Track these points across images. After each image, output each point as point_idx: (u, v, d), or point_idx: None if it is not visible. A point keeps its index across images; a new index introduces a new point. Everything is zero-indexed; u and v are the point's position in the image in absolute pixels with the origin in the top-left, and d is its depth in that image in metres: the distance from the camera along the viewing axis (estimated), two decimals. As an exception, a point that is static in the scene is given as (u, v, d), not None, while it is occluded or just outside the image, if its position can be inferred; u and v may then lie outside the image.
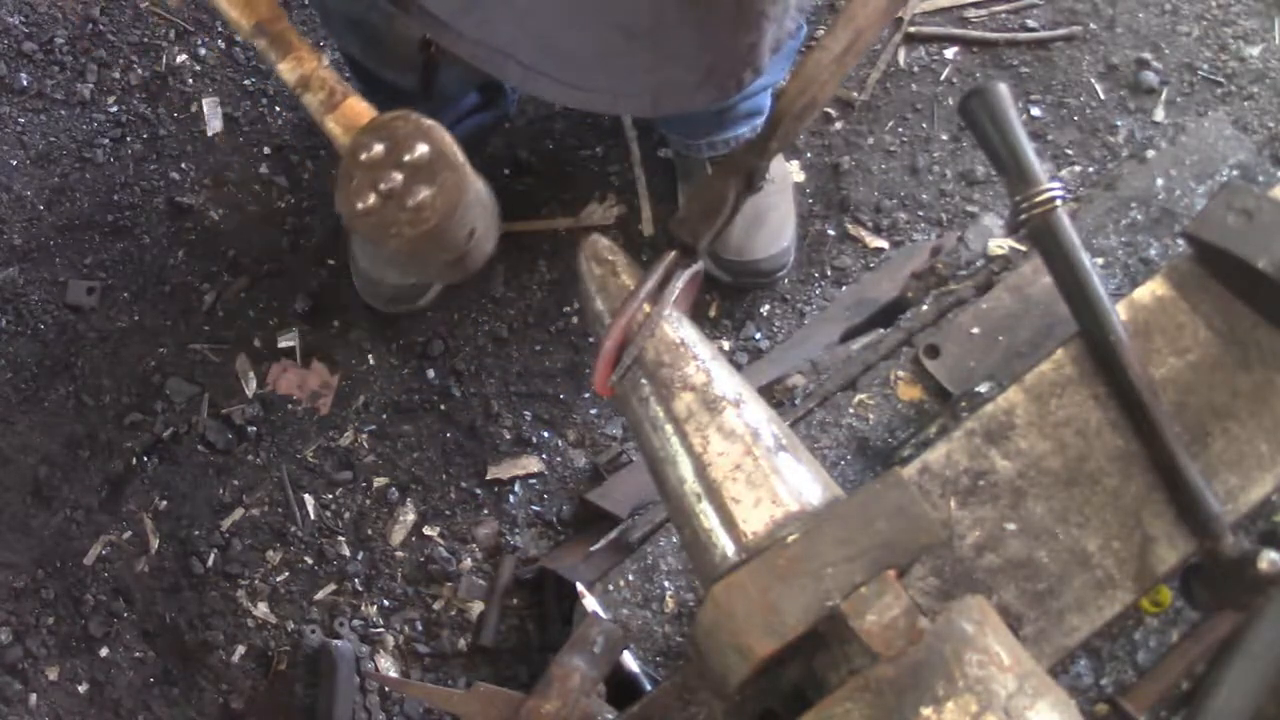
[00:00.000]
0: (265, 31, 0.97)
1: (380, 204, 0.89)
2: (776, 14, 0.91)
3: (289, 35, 0.97)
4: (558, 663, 1.12)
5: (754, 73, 0.95)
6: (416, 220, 0.89)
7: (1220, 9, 2.00)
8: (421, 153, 0.89)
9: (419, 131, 0.89)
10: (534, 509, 1.72)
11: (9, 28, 2.00)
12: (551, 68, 0.93)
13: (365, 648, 1.64)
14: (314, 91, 0.96)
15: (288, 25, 0.97)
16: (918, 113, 1.94)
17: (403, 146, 0.89)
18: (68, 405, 1.78)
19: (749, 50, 0.92)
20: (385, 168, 0.89)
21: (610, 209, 1.88)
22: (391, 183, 0.89)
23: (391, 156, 0.89)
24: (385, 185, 0.89)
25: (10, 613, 1.66)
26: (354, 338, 1.82)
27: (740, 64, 0.94)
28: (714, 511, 0.91)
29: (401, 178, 0.89)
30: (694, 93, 0.94)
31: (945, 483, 1.13)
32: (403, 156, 0.89)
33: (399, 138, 0.90)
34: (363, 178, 0.90)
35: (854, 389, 1.36)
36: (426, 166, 0.89)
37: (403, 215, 0.89)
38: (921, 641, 0.82)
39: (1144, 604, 1.22)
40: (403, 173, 0.89)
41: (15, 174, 1.91)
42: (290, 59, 0.96)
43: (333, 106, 0.95)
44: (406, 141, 0.89)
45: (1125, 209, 1.41)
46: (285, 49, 0.97)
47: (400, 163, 0.89)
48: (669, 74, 0.92)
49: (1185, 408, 1.15)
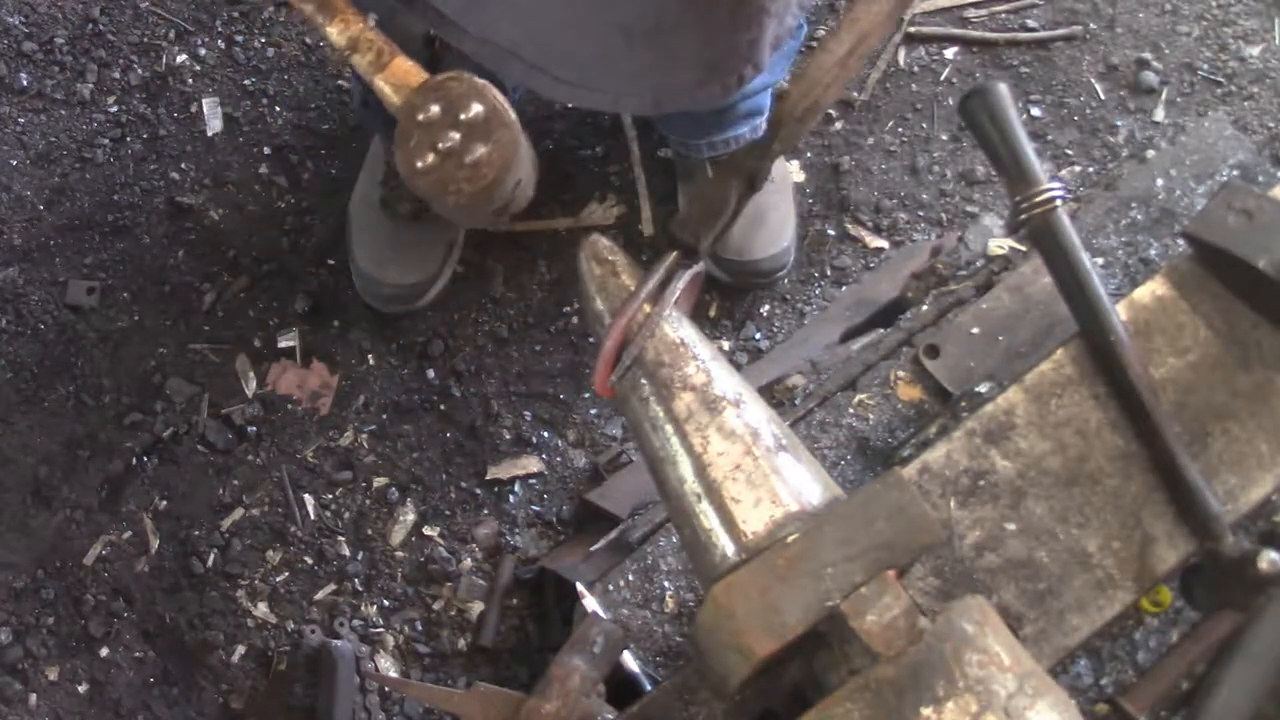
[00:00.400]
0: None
1: (439, 162, 0.92)
2: (777, 9, 0.91)
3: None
4: (558, 663, 1.12)
5: (755, 69, 0.95)
6: (475, 177, 0.92)
7: (1220, 9, 2.00)
8: (477, 111, 0.92)
9: (474, 91, 0.92)
10: (534, 509, 1.72)
11: (9, 28, 2.00)
12: (552, 66, 0.93)
13: (365, 648, 1.64)
14: (363, 53, 0.98)
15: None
16: (918, 113, 1.94)
17: (459, 106, 0.92)
18: (68, 405, 1.78)
19: (749, 47, 0.92)
20: (443, 127, 0.92)
21: (610, 209, 1.88)
22: (450, 141, 0.92)
23: (448, 116, 0.92)
24: (444, 144, 0.92)
25: (10, 613, 1.66)
26: (354, 338, 1.82)
27: (741, 61, 0.94)
28: (714, 511, 0.91)
29: (459, 136, 0.92)
30: (695, 91, 0.94)
31: (945, 483, 1.13)
32: (459, 115, 0.92)
33: (454, 97, 0.92)
34: (421, 137, 0.93)
35: (854, 389, 1.36)
36: (482, 124, 0.92)
37: (461, 173, 0.92)
38: (921, 641, 0.82)
39: (1144, 604, 1.22)
40: (460, 131, 0.92)
41: (15, 174, 1.91)
42: (338, 21, 0.99)
43: (382, 66, 0.97)
44: (462, 101, 0.92)
45: (1125, 209, 1.41)
46: (332, 12, 0.99)
47: (457, 122, 0.92)
48: (670, 73, 0.93)
49: (1185, 408, 1.15)
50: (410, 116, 0.93)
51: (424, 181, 0.93)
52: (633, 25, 0.86)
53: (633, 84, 0.94)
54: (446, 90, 0.93)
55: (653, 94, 0.95)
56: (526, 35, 0.92)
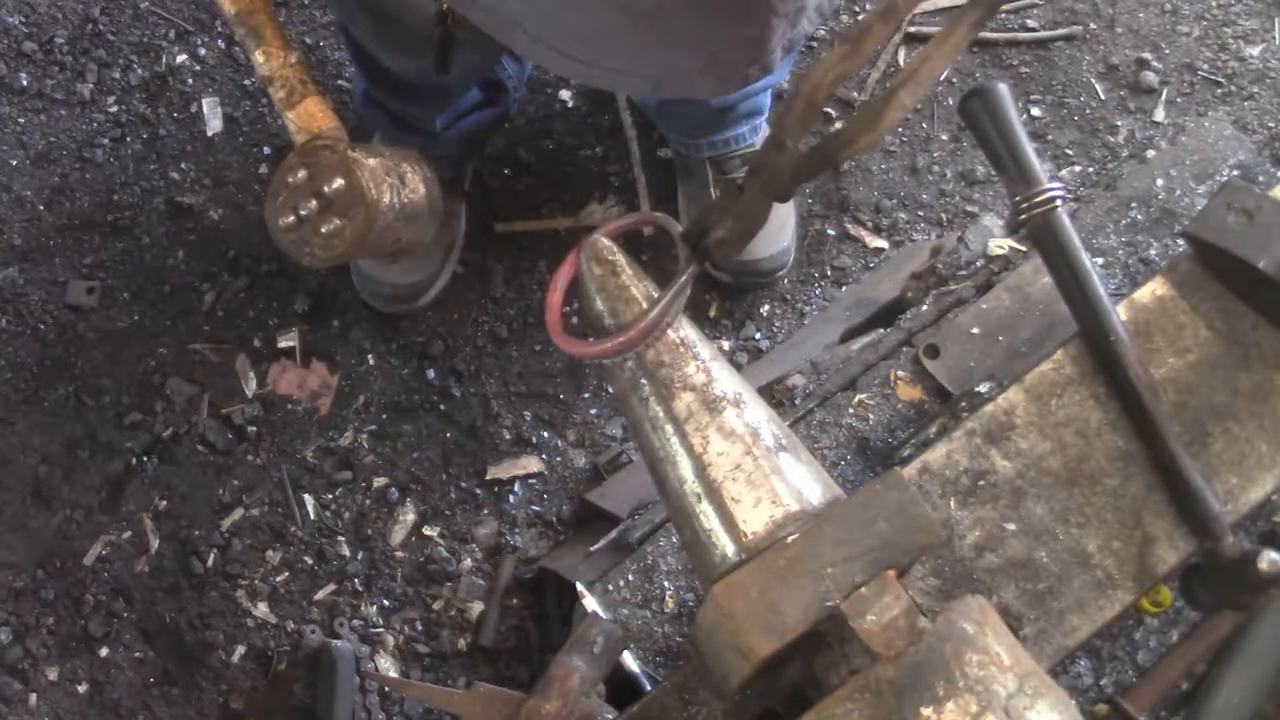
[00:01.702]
0: (243, 21, 1.02)
1: (297, 224, 0.97)
2: (787, 11, 0.90)
3: (264, 28, 1.02)
4: (558, 663, 1.12)
5: (761, 70, 0.94)
6: (328, 245, 0.96)
7: (1220, 9, 2.00)
8: (338, 186, 0.95)
9: (340, 165, 0.96)
10: (534, 509, 1.72)
11: (9, 28, 2.00)
12: (556, 40, 0.93)
13: (365, 648, 1.64)
14: (278, 87, 1.01)
15: (265, 18, 1.02)
16: (918, 113, 1.94)
17: (323, 176, 0.96)
18: (68, 405, 1.78)
19: (753, 44, 0.91)
20: (305, 194, 0.96)
21: (610, 209, 1.88)
22: (308, 209, 0.96)
23: (312, 184, 0.96)
24: (303, 210, 0.96)
25: (10, 613, 1.66)
26: (354, 338, 1.82)
27: (745, 58, 0.93)
28: (714, 511, 0.91)
29: (316, 206, 0.96)
30: (696, 79, 0.93)
31: (945, 483, 1.13)
32: (321, 186, 0.95)
33: (321, 166, 0.96)
34: (286, 197, 0.97)
35: (854, 389, 1.36)
36: (341, 199, 0.95)
37: (316, 239, 0.97)
38: (921, 641, 0.82)
39: (1144, 604, 1.22)
40: (319, 201, 0.96)
41: (15, 174, 1.91)
42: (261, 50, 1.02)
43: (292, 105, 1.01)
44: (326, 172, 0.96)
45: (1125, 209, 1.41)
46: (259, 40, 1.02)
47: (320, 191, 0.95)
48: (671, 58, 0.92)
49: (1185, 408, 1.15)
50: (283, 173, 0.97)
51: (282, 239, 0.97)
52: (632, 6, 0.85)
53: (633, 64, 0.93)
54: (317, 158, 0.96)
55: (653, 76, 0.95)
56: (530, 7, 0.91)
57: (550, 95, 1.96)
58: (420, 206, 1.04)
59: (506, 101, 1.78)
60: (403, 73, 1.48)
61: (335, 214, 0.96)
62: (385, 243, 1.00)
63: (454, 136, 1.71)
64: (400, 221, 1.00)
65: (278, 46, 1.01)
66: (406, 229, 1.02)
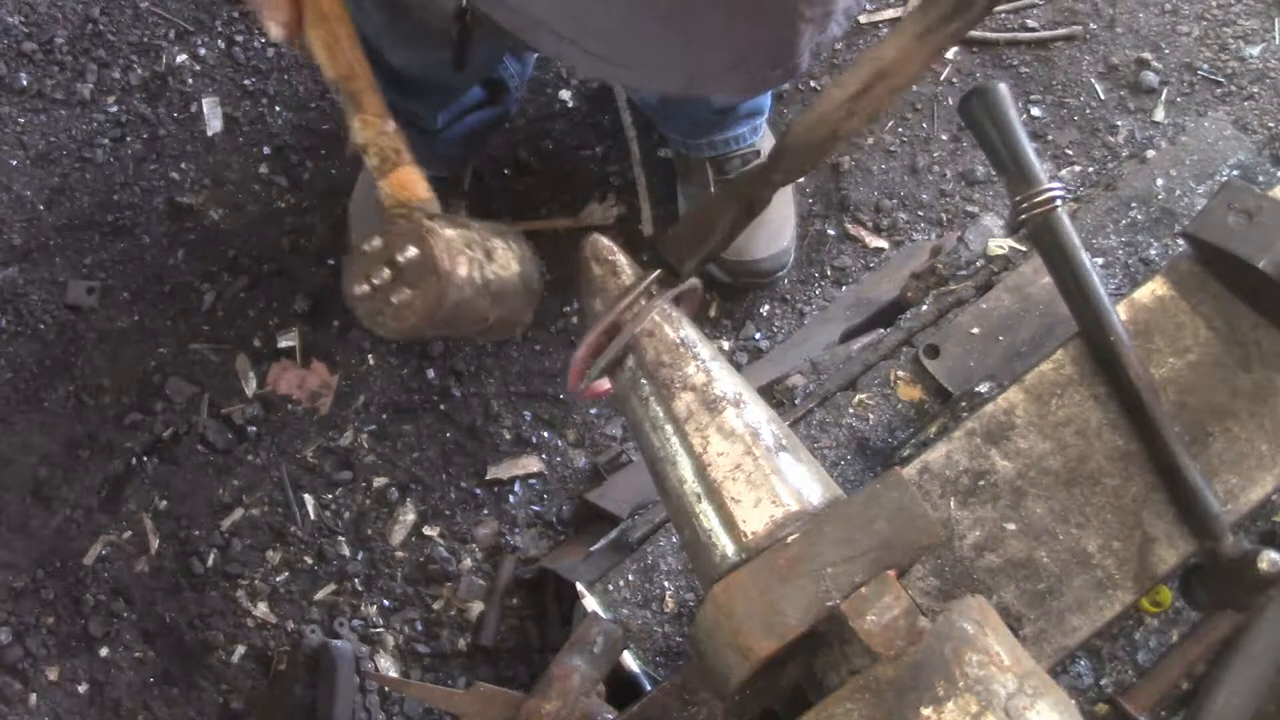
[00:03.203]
0: (342, 87, 1.01)
1: (370, 293, 0.95)
2: (814, 15, 0.90)
3: (363, 94, 1.01)
4: (558, 663, 1.12)
5: (787, 73, 0.95)
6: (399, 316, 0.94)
7: (1220, 9, 2.00)
8: (411, 255, 0.93)
9: (414, 234, 0.94)
10: (534, 509, 1.72)
11: (9, 28, 2.00)
12: (583, 39, 0.93)
13: (365, 648, 1.64)
14: (371, 155, 1.00)
15: (365, 84, 1.01)
16: (918, 113, 1.94)
17: (396, 245, 0.94)
18: (68, 405, 1.78)
19: (780, 46, 0.91)
20: (378, 261, 0.94)
21: (610, 209, 1.88)
22: (380, 278, 0.94)
23: (386, 252, 0.94)
24: (376, 279, 0.94)
25: (10, 613, 1.66)
26: (354, 338, 1.82)
27: (771, 60, 0.93)
28: (714, 511, 0.91)
29: (389, 274, 0.94)
30: (724, 77, 0.94)
31: (945, 483, 1.13)
32: (394, 255, 0.94)
33: (395, 234, 0.94)
34: (360, 265, 0.95)
35: (854, 389, 1.36)
36: (413, 269, 0.93)
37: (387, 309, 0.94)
38: (921, 641, 0.82)
39: (1144, 604, 1.22)
40: (391, 270, 0.94)
41: (15, 174, 1.91)
42: (359, 117, 1.00)
43: (385, 172, 0.99)
44: (399, 241, 0.94)
45: (1125, 209, 1.41)
46: (357, 106, 1.00)
47: (392, 260, 0.94)
48: (698, 56, 0.92)
49: (1185, 408, 1.15)
50: (360, 239, 0.95)
51: (356, 306, 0.96)
52: (658, 6, 0.85)
53: (661, 62, 0.93)
54: (393, 225, 0.95)
55: (682, 74, 0.95)
56: (557, 7, 0.91)
57: (550, 95, 1.96)
58: (511, 284, 1.01)
59: (508, 101, 1.78)
60: (408, 69, 1.48)
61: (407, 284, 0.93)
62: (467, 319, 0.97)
63: (454, 135, 1.71)
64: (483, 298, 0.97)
65: (375, 114, 1.00)
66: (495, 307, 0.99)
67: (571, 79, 1.97)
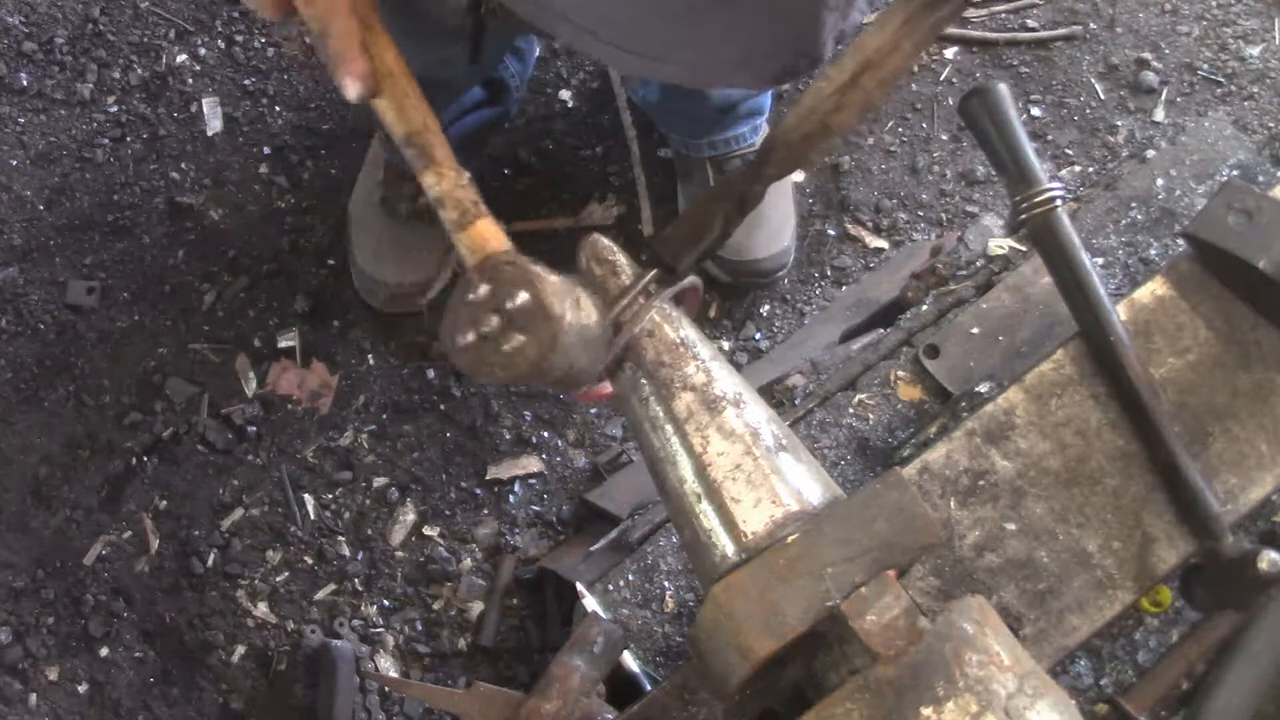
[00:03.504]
0: (413, 143, 0.98)
1: (477, 343, 0.91)
2: (837, 4, 0.89)
3: (434, 148, 0.98)
4: (558, 663, 1.12)
5: (811, 62, 0.94)
6: (509, 364, 0.90)
7: (1220, 9, 2.00)
8: (522, 301, 0.90)
9: (523, 279, 0.90)
10: (534, 509, 1.72)
11: (9, 28, 2.00)
12: (595, 27, 0.92)
13: (365, 648, 1.64)
14: (448, 209, 0.97)
15: (436, 138, 0.98)
16: (918, 113, 1.94)
17: (505, 292, 0.90)
18: (68, 405, 1.78)
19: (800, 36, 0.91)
20: (486, 309, 0.91)
21: (610, 209, 1.88)
22: (489, 326, 0.90)
23: (494, 300, 0.91)
24: (484, 327, 0.91)
25: (10, 613, 1.66)
26: (354, 338, 1.82)
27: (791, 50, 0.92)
28: (714, 511, 0.91)
29: (499, 322, 0.90)
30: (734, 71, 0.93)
31: (945, 483, 1.13)
32: (504, 302, 0.90)
33: (503, 281, 0.91)
34: (465, 315, 0.91)
35: (854, 389, 1.36)
36: (524, 315, 0.90)
37: (496, 358, 0.90)
38: (921, 641, 0.82)
39: (1144, 604, 1.22)
40: (501, 318, 0.90)
41: (15, 174, 1.91)
42: (432, 172, 0.97)
43: (463, 226, 0.96)
44: (509, 287, 0.90)
45: (1125, 209, 1.41)
46: (428, 161, 0.97)
47: (501, 307, 0.90)
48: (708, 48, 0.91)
49: (1185, 408, 1.15)
50: (462, 290, 0.92)
51: (461, 358, 0.92)
52: None
53: (671, 52, 0.93)
54: (499, 273, 0.91)
55: (691, 66, 0.94)
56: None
57: (550, 95, 1.96)
58: (594, 333, 0.98)
59: (508, 101, 1.78)
60: (408, 64, 1.47)
61: (517, 330, 0.90)
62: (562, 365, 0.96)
63: (455, 135, 1.71)
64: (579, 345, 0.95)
65: (449, 167, 0.98)
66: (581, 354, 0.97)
67: (572, 79, 1.97)
